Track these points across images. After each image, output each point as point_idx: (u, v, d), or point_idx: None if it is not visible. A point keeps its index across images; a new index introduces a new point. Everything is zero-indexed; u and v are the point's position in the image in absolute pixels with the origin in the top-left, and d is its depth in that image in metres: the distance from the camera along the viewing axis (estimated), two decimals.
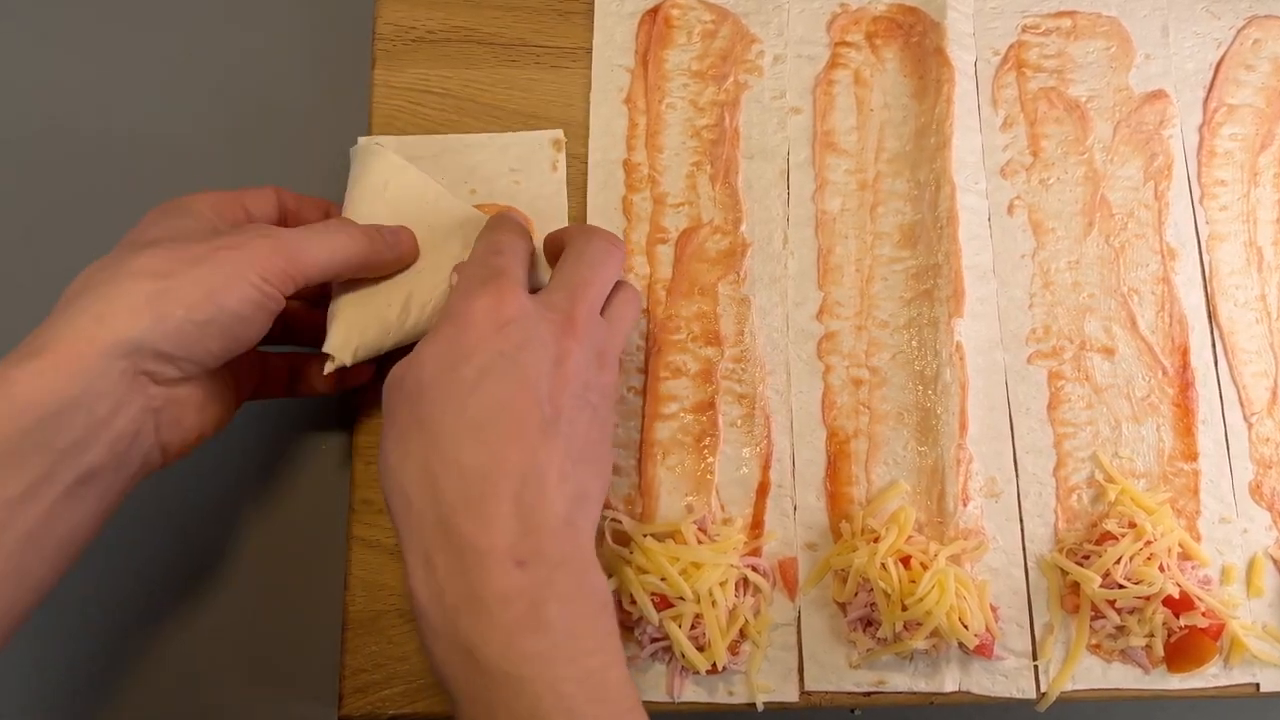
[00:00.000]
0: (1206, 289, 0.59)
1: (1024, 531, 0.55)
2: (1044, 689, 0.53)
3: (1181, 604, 0.51)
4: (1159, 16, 0.64)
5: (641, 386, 0.56)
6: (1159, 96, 0.62)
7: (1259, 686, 0.53)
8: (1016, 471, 0.56)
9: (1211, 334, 0.58)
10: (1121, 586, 0.51)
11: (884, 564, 0.50)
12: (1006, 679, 0.53)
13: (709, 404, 0.56)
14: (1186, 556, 0.53)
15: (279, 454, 0.59)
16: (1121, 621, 0.52)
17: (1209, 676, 0.53)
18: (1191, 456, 0.56)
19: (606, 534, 0.53)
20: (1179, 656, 0.52)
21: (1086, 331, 0.58)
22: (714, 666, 0.50)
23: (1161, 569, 0.51)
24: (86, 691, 0.55)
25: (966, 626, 0.49)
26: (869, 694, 0.52)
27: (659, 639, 0.51)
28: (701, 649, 0.50)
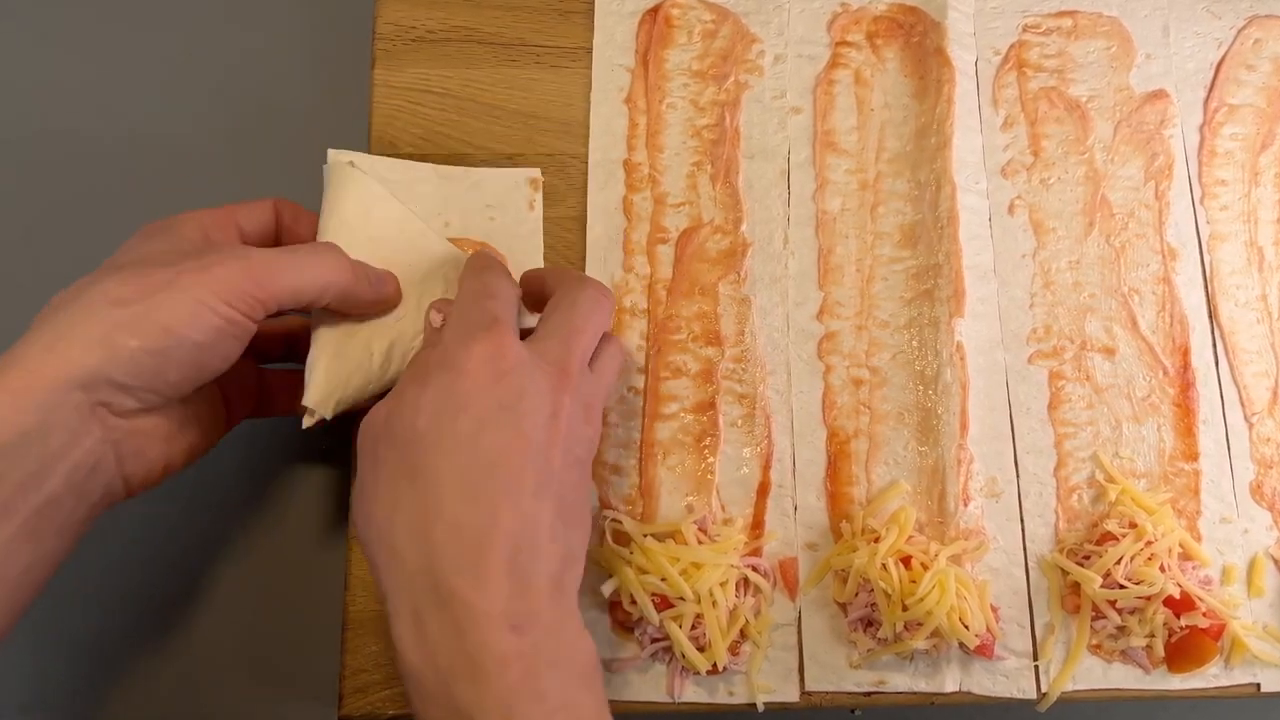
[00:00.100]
0: (1207, 289, 0.59)
1: (1025, 531, 0.55)
2: (1045, 689, 0.52)
3: (1182, 604, 0.51)
4: (1160, 16, 0.64)
5: (642, 386, 0.56)
6: (1160, 96, 0.62)
7: (1260, 687, 0.53)
8: (1017, 471, 0.56)
9: (1212, 334, 0.58)
10: (1122, 587, 0.51)
11: (884, 564, 0.50)
12: (1007, 679, 0.52)
13: (709, 404, 0.56)
14: (1187, 557, 0.53)
15: (280, 454, 0.59)
16: (1122, 622, 0.52)
17: (1210, 677, 0.53)
18: (1192, 456, 0.56)
19: (607, 534, 0.53)
20: (1180, 657, 0.52)
21: (1087, 331, 0.58)
22: (714, 667, 0.50)
23: (1162, 569, 0.51)
24: (86, 691, 0.55)
25: (967, 627, 0.49)
26: (869, 694, 0.52)
27: (659, 639, 0.51)
28: (702, 649, 0.50)
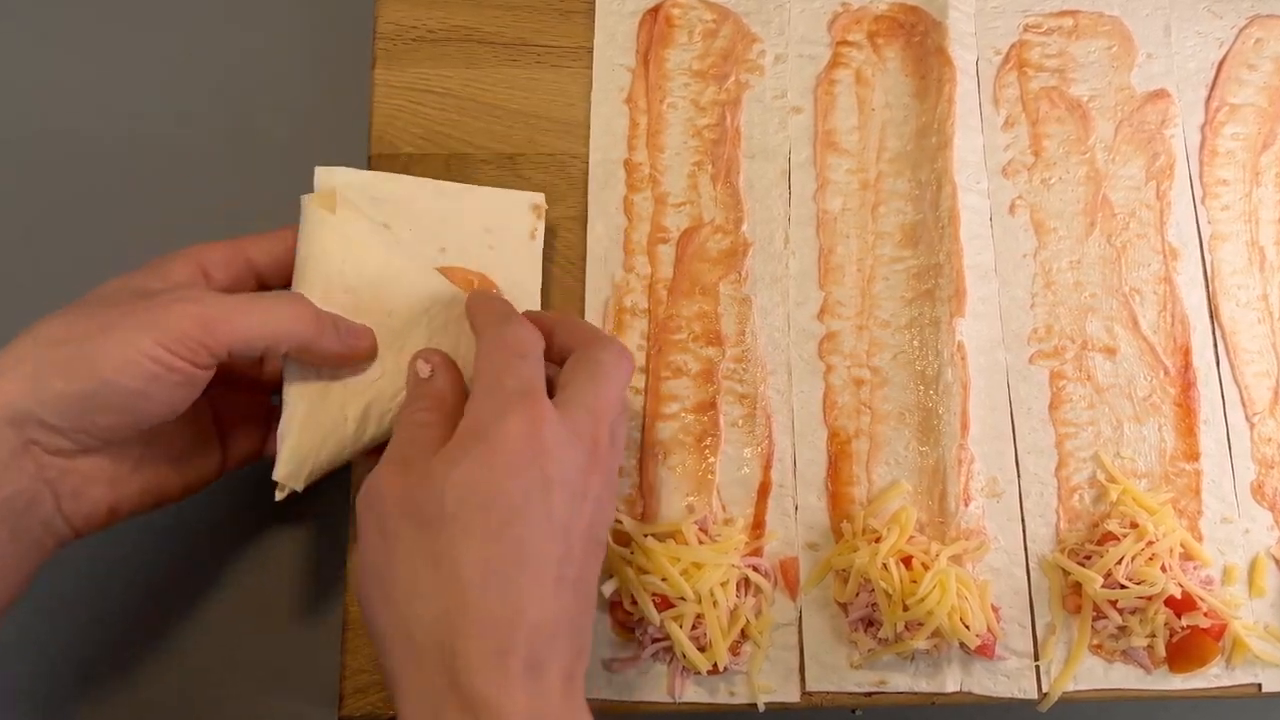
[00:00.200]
0: (1208, 289, 0.59)
1: (1025, 531, 0.55)
2: (1046, 689, 0.52)
3: (1183, 604, 0.51)
4: (1161, 16, 0.64)
5: (643, 386, 0.56)
6: (1161, 96, 0.62)
7: (1261, 687, 0.53)
8: (1018, 471, 0.55)
9: (1213, 334, 0.58)
10: (1123, 587, 0.51)
11: (885, 564, 0.50)
12: (1008, 679, 0.52)
13: (710, 404, 0.56)
14: (1188, 557, 0.53)
15: None
16: (1123, 622, 0.52)
17: (1211, 677, 0.53)
18: (1193, 456, 0.56)
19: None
20: (1181, 657, 0.52)
21: (1088, 331, 0.58)
22: (715, 667, 0.50)
23: (1163, 569, 0.51)
24: (87, 692, 0.55)
25: (968, 627, 0.49)
26: (870, 694, 0.52)
27: (660, 639, 0.51)
28: (703, 649, 0.50)
